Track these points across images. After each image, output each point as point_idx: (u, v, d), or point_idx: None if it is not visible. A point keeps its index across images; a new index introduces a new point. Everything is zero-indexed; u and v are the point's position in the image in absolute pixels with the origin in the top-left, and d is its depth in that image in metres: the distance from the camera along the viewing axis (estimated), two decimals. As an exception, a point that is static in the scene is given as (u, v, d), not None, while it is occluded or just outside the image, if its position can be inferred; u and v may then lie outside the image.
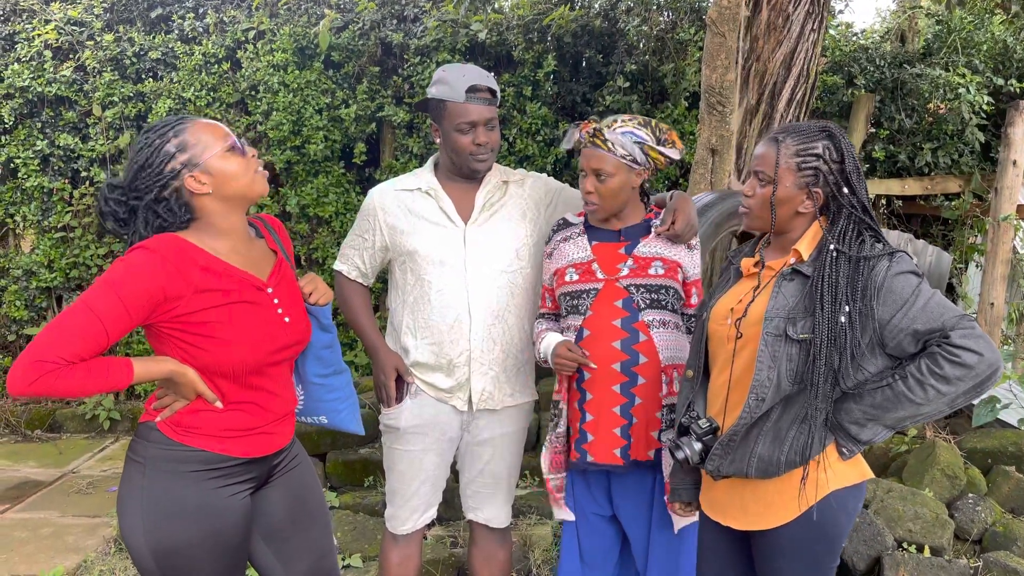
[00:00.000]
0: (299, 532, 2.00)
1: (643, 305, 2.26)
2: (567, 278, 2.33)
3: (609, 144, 2.21)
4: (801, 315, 1.81)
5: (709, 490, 2.05)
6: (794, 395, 1.83)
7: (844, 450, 1.85)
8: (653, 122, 2.28)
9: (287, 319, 1.88)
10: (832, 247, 1.82)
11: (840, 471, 1.86)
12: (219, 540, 1.80)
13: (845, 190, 1.85)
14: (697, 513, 2.18)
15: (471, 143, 2.36)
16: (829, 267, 1.80)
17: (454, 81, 2.33)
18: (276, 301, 1.86)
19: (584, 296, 2.29)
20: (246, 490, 1.87)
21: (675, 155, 2.27)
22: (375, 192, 2.53)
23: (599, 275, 2.30)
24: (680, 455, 1.96)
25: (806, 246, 1.88)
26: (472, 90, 2.33)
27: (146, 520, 1.76)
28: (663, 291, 2.28)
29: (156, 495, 1.77)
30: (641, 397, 2.24)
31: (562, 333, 2.35)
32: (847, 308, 1.76)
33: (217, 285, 1.75)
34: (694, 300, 2.35)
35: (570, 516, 2.41)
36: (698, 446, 1.95)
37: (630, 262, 2.29)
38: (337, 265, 2.59)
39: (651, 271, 2.28)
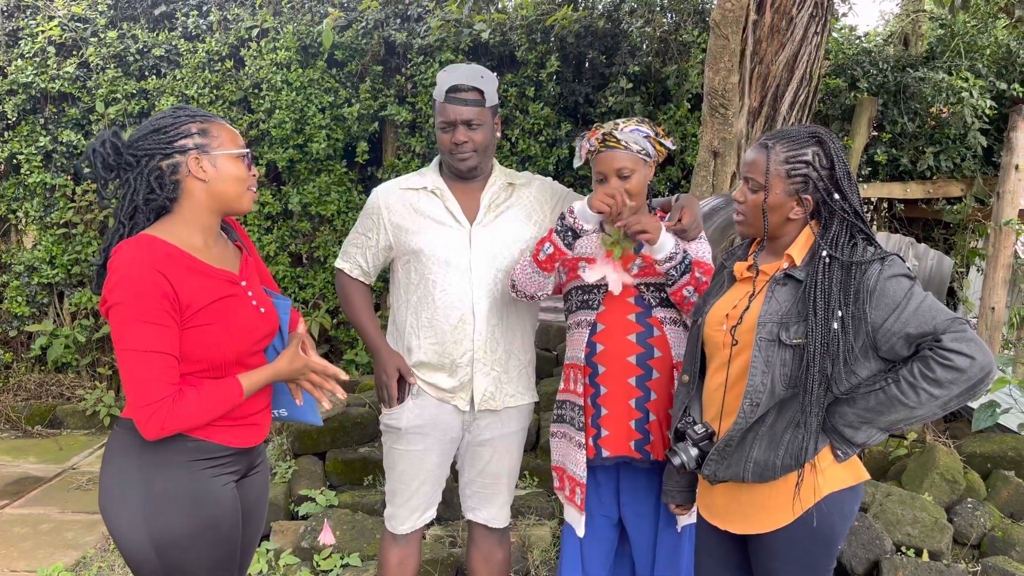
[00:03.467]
0: (247, 530, 2.05)
1: (654, 303, 2.30)
2: (579, 272, 2.35)
3: (623, 143, 2.25)
4: (794, 320, 1.82)
5: (706, 494, 2.05)
6: (789, 399, 1.84)
7: (839, 453, 1.85)
8: (646, 119, 2.33)
9: (262, 310, 1.95)
10: (824, 253, 1.82)
11: (836, 474, 1.87)
12: (217, 529, 1.84)
13: (836, 196, 1.85)
14: (694, 512, 2.19)
15: (449, 141, 2.40)
16: (822, 273, 1.80)
17: (441, 81, 2.39)
18: (250, 294, 1.93)
19: (595, 291, 2.33)
20: (233, 481, 1.92)
21: (671, 145, 2.33)
22: (380, 191, 2.53)
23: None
24: (677, 461, 1.97)
25: (798, 251, 1.89)
26: (453, 90, 2.36)
27: (148, 512, 1.77)
28: None
29: (156, 487, 1.78)
30: (656, 392, 2.27)
31: (574, 328, 2.39)
32: (840, 313, 1.76)
33: (202, 283, 1.80)
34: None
35: (581, 531, 2.41)
36: (694, 452, 1.96)
37: (639, 260, 2.32)
38: (339, 263, 2.60)
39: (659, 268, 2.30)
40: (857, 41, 6.10)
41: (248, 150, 1.91)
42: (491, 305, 2.43)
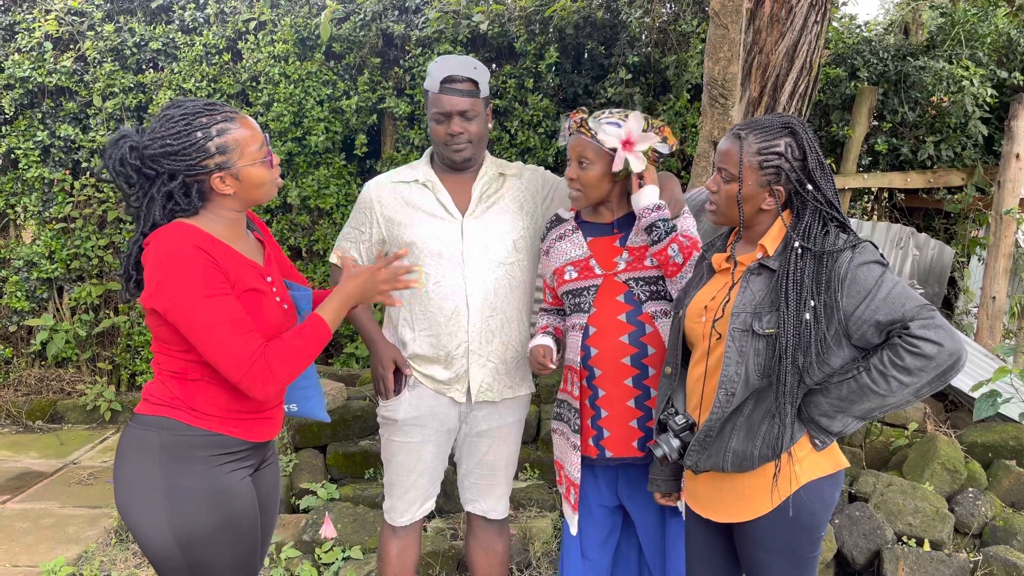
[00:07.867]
0: (261, 523, 2.03)
1: (644, 298, 2.27)
2: (567, 276, 2.34)
3: (592, 132, 2.22)
4: (767, 310, 1.82)
5: (691, 484, 2.06)
6: (765, 389, 1.84)
7: (817, 442, 1.86)
8: (646, 116, 2.27)
9: (285, 306, 1.94)
10: (796, 244, 1.81)
11: (814, 462, 1.87)
12: (239, 524, 1.84)
13: (809, 187, 1.85)
14: (679, 501, 2.21)
15: (444, 132, 2.37)
16: (793, 263, 1.80)
17: (435, 72, 2.36)
18: (274, 290, 1.92)
19: (585, 293, 2.31)
20: (249, 475, 1.92)
21: (663, 149, 2.26)
22: (371, 185, 2.53)
23: (597, 271, 2.31)
24: (659, 452, 1.99)
25: (771, 241, 1.88)
26: (448, 80, 2.34)
27: (171, 510, 1.77)
28: (661, 281, 2.28)
29: (178, 483, 1.77)
30: (655, 389, 2.25)
31: (569, 331, 2.36)
32: (812, 303, 1.76)
33: (237, 273, 1.79)
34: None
35: (574, 529, 2.43)
36: (676, 443, 1.97)
37: (625, 254, 2.30)
38: (333, 258, 2.59)
39: (647, 262, 2.28)
40: (857, 30, 6.07)
41: (267, 139, 1.87)
42: (484, 296, 2.42)
